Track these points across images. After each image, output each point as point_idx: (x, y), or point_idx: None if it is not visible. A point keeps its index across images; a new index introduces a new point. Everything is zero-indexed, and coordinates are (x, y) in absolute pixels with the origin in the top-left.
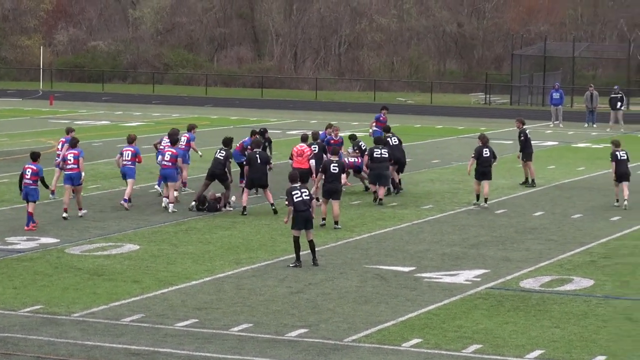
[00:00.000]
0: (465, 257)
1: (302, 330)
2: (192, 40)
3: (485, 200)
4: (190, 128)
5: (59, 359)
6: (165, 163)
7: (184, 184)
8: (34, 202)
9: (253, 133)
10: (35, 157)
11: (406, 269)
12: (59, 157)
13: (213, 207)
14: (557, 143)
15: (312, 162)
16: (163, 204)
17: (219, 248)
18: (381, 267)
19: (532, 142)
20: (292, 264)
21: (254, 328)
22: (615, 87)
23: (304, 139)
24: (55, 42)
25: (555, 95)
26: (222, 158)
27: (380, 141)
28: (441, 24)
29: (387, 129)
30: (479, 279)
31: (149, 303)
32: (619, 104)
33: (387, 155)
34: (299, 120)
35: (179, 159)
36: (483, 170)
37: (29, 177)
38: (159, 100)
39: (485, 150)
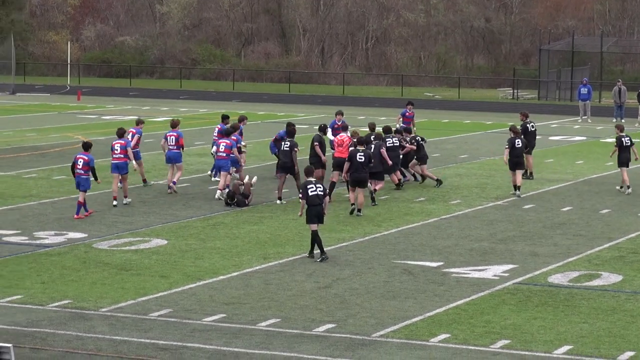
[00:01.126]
0: (493, 252)
1: (330, 326)
2: (220, 36)
3: (519, 188)
4: (138, 122)
5: (87, 353)
6: (220, 154)
7: (144, 181)
8: (85, 191)
9: (289, 125)
10: (87, 147)
11: (434, 264)
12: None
13: (242, 203)
14: (585, 138)
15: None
16: (216, 196)
17: (247, 243)
18: (409, 262)
19: (536, 135)
20: (319, 259)
21: (281, 323)
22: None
23: (344, 128)
24: (82, 37)
25: (584, 91)
26: (288, 149)
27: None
28: (469, 19)
29: (388, 130)
30: (507, 274)
31: (176, 298)
32: None
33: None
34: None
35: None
36: (516, 161)
37: (80, 167)
38: (187, 95)
39: (517, 141)
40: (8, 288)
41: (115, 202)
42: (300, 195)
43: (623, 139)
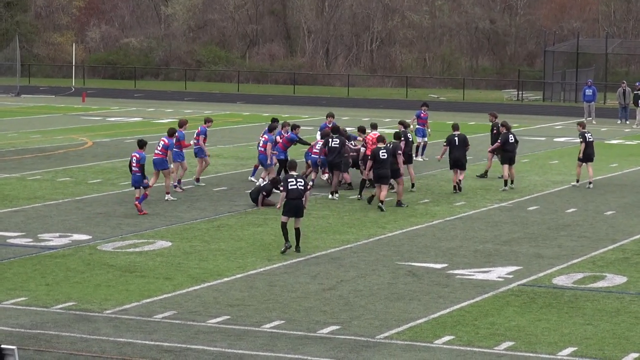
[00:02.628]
0: (498, 254)
1: (334, 327)
2: (224, 37)
3: (512, 182)
4: (206, 121)
5: (92, 355)
6: (260, 149)
7: (196, 180)
8: (138, 188)
9: (294, 127)
10: (142, 144)
11: (438, 266)
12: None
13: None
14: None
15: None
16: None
17: (251, 245)
18: (413, 263)
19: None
20: (282, 248)
21: (286, 325)
22: (637, 83)
23: (374, 126)
24: (87, 39)
25: (588, 92)
26: (337, 146)
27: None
28: (473, 21)
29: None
30: (511, 276)
31: (181, 300)
32: None
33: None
34: None
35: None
36: (510, 156)
37: (134, 164)
38: (191, 97)
39: (511, 137)
40: (12, 290)
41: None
42: (281, 188)
43: (586, 134)
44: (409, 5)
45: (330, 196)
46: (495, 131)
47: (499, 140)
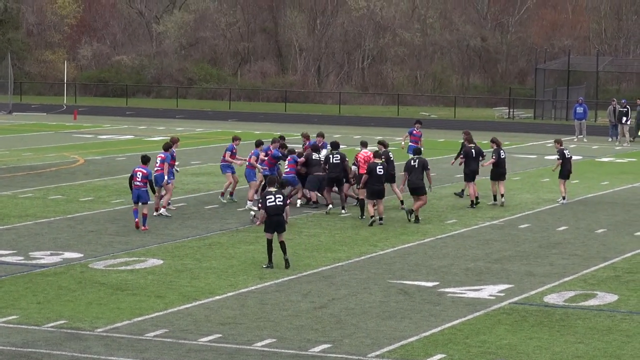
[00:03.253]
0: (489, 272)
1: (326, 346)
2: (216, 55)
3: (502, 196)
4: (234, 139)
5: None
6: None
7: (230, 194)
8: (146, 203)
9: (274, 142)
10: (145, 160)
11: (430, 284)
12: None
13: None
14: (581, 157)
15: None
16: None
17: (243, 263)
18: (405, 282)
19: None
20: (265, 266)
21: (277, 343)
22: (623, 100)
23: (364, 144)
24: (79, 56)
25: (579, 110)
26: (339, 162)
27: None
28: (465, 38)
29: (335, 146)
30: (502, 294)
31: (172, 318)
32: (624, 118)
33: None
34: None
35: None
36: (501, 171)
37: (139, 179)
38: (183, 114)
39: (502, 153)
40: (4, 308)
41: (155, 213)
42: (259, 206)
43: (565, 151)
44: (401, 23)
45: (342, 211)
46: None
47: (493, 157)
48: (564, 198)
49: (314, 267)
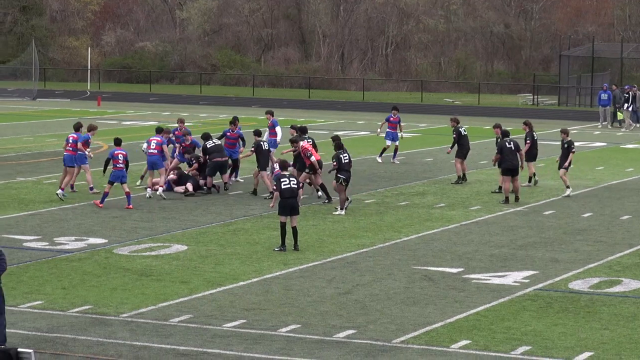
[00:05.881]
0: (514, 259)
1: (350, 332)
2: (240, 41)
3: (534, 174)
4: (87, 127)
5: (108, 359)
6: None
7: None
8: (125, 183)
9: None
10: (119, 142)
11: (454, 270)
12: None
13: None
14: (605, 144)
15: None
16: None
17: (267, 249)
18: (429, 268)
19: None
20: (277, 249)
21: (302, 329)
22: (626, 86)
23: (303, 131)
24: (102, 43)
25: (604, 96)
26: (348, 161)
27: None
28: (488, 25)
29: (304, 130)
30: (527, 281)
31: (197, 304)
32: (626, 104)
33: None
34: (347, 121)
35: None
36: (535, 152)
37: (121, 161)
38: (207, 100)
39: (535, 134)
40: (29, 294)
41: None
42: (274, 188)
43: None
44: (424, 9)
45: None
46: (455, 135)
47: (527, 140)
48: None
49: (338, 253)
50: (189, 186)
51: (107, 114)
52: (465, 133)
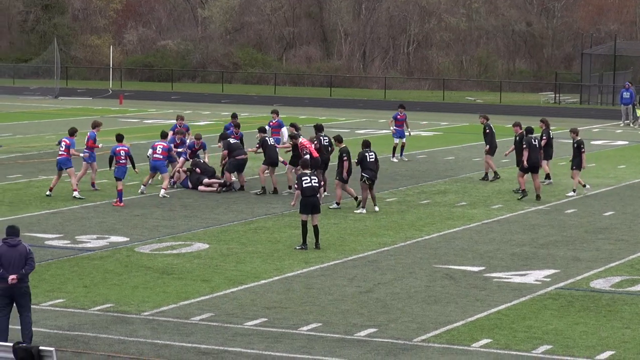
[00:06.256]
0: (535, 257)
1: (371, 330)
2: (261, 40)
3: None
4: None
5: (130, 357)
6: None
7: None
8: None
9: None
10: (121, 138)
11: (475, 269)
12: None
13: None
14: (627, 142)
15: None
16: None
17: (288, 247)
18: (450, 266)
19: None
20: (299, 247)
21: (323, 327)
22: (627, 83)
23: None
24: (124, 41)
25: (626, 95)
26: (373, 160)
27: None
28: (510, 23)
29: (320, 128)
30: (548, 279)
31: (218, 302)
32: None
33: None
34: (368, 120)
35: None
36: (551, 151)
37: (123, 157)
38: (228, 99)
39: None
40: (51, 292)
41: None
42: (296, 186)
43: (584, 142)
44: (446, 7)
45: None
46: (488, 131)
47: (543, 137)
48: (574, 191)
49: (359, 252)
50: (213, 182)
51: (128, 113)
52: (494, 130)
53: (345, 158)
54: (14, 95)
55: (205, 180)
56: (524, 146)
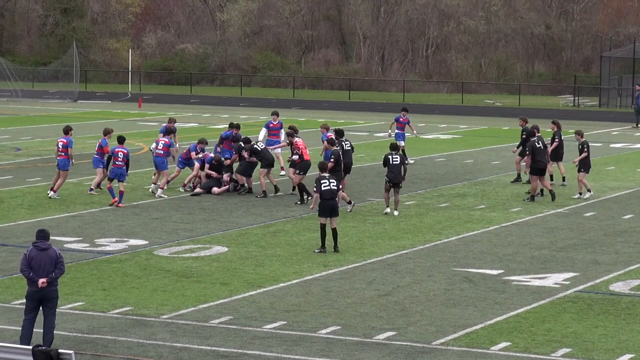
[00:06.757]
0: (554, 260)
1: (390, 333)
2: (280, 43)
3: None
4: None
5: None
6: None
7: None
8: (123, 181)
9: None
10: (122, 140)
11: (494, 272)
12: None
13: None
14: None
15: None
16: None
17: (307, 250)
18: (469, 270)
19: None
20: (317, 250)
21: (342, 331)
22: (637, 85)
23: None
24: (143, 45)
25: None
26: (350, 149)
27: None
28: (529, 26)
29: (341, 133)
30: (567, 282)
31: (237, 305)
32: None
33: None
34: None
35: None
36: (561, 152)
37: (120, 159)
38: (247, 102)
39: (538, 143)
40: (70, 295)
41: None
42: (314, 189)
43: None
44: (465, 10)
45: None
46: (524, 135)
47: (556, 139)
48: (580, 194)
49: (378, 255)
50: (226, 179)
51: (147, 116)
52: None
53: (332, 160)
54: (33, 98)
55: (215, 189)
56: (527, 152)
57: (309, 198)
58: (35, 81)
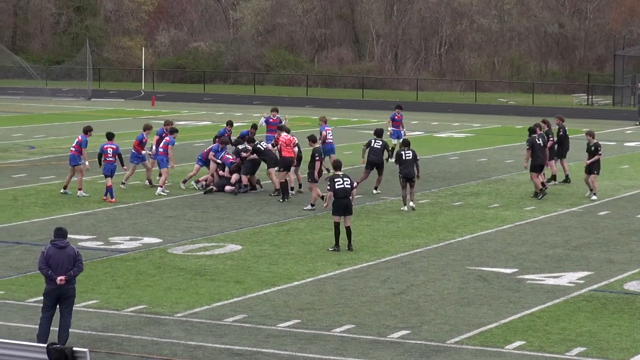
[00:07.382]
0: (568, 259)
1: (405, 332)
2: (293, 41)
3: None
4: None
5: (163, 358)
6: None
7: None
8: (112, 176)
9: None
10: (111, 136)
11: (509, 271)
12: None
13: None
14: None
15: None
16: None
17: (321, 249)
18: (483, 268)
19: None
20: (331, 249)
21: (356, 329)
22: (639, 83)
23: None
24: (156, 43)
25: None
26: (379, 147)
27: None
28: (542, 25)
29: (379, 133)
30: (582, 281)
31: (251, 303)
32: None
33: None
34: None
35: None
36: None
37: (110, 155)
38: (260, 100)
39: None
40: (84, 293)
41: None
42: (328, 188)
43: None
44: (478, 9)
45: (375, 191)
46: (562, 133)
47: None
48: (595, 194)
49: (392, 254)
50: (234, 178)
51: (161, 114)
52: (567, 134)
53: (317, 158)
54: (47, 96)
55: (228, 187)
56: (527, 147)
57: (293, 193)
58: (49, 79)
